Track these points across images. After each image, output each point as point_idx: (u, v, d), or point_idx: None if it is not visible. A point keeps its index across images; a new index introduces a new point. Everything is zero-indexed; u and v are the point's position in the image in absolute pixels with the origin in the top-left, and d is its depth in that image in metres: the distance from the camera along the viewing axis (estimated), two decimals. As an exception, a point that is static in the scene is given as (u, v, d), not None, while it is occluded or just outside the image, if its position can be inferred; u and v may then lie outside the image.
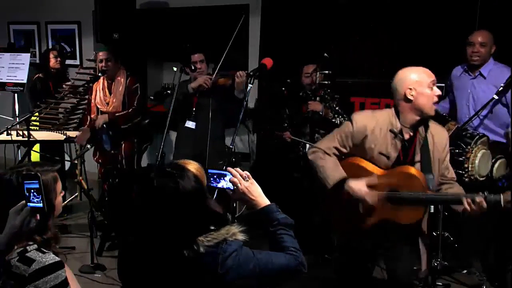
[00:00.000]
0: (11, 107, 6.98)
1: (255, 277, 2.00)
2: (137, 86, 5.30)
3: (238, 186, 2.21)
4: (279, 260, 2.06)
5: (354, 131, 3.15)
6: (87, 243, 4.93)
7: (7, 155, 6.02)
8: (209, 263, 1.92)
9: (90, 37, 7.49)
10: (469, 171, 4.09)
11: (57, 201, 2.30)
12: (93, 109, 5.38)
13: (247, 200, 2.22)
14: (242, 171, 2.26)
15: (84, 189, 4.90)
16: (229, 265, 1.94)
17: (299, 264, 2.08)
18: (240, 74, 4.59)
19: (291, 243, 2.13)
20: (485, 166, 4.12)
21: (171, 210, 1.96)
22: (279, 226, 2.15)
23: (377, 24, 5.60)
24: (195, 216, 1.98)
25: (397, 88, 3.08)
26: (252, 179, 2.24)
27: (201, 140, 4.73)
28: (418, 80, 3.03)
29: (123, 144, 5.31)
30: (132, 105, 5.24)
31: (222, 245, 1.95)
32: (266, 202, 2.22)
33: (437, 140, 3.15)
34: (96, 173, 5.69)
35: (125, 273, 2.15)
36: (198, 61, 4.86)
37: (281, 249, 2.10)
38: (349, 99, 5.65)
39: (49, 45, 8.21)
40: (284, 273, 2.07)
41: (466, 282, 4.62)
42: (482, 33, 4.50)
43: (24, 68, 6.62)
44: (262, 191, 2.25)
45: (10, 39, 8.48)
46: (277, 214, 2.19)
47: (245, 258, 1.98)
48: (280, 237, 2.13)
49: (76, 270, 4.59)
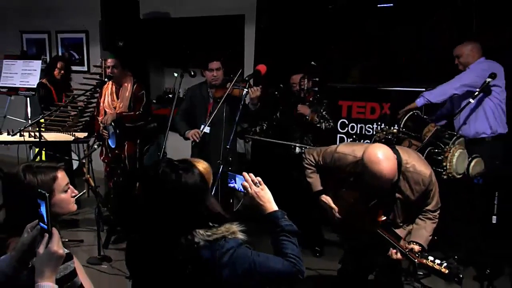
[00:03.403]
0: (23, 110, 6.96)
1: (250, 277, 1.96)
2: (143, 93, 5.28)
3: (249, 190, 2.21)
4: (275, 265, 2.01)
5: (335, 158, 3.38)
6: (94, 236, 4.93)
7: (20, 154, 5.99)
8: (207, 257, 1.91)
9: (97, 45, 7.49)
10: (447, 169, 4.09)
11: (59, 199, 2.25)
12: (102, 112, 5.36)
13: (256, 204, 2.21)
14: (255, 176, 2.25)
15: (91, 186, 4.88)
16: (225, 261, 1.91)
17: (296, 271, 2.03)
18: (254, 89, 4.49)
19: (292, 250, 2.08)
20: (462, 164, 4.13)
21: (169, 200, 1.95)
22: (282, 233, 2.12)
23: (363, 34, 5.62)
24: (191, 209, 1.96)
25: None
26: (264, 185, 2.23)
27: (215, 143, 4.68)
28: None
29: (126, 144, 5.29)
30: (138, 111, 5.23)
31: (220, 241, 1.93)
32: (274, 208, 2.20)
33: (413, 184, 3.12)
34: (102, 171, 5.67)
35: (131, 263, 2.15)
36: (215, 69, 4.73)
37: (282, 255, 2.06)
38: (337, 102, 5.66)
39: (59, 52, 8.21)
40: (279, 277, 2.03)
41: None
42: (456, 48, 4.58)
43: (35, 74, 6.62)
44: (272, 197, 2.23)
45: (23, 47, 8.49)
46: (282, 220, 2.16)
47: (242, 257, 1.95)
48: (282, 243, 2.10)
49: (84, 261, 4.61)
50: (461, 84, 4.38)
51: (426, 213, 3.22)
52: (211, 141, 4.76)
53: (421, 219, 3.23)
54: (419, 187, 3.11)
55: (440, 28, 5.15)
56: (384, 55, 5.55)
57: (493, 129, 4.51)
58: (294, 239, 2.13)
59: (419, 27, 5.32)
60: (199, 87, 4.94)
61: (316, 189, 3.54)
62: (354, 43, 5.71)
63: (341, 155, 3.32)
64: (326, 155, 3.43)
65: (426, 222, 3.22)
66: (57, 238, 1.71)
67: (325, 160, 3.44)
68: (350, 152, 3.28)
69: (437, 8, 5.16)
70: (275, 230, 2.14)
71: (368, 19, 5.54)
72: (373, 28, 5.54)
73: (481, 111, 4.47)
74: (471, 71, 4.42)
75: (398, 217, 3.25)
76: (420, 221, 3.23)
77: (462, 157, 4.14)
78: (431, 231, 3.21)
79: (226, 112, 4.66)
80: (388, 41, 5.51)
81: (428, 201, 3.20)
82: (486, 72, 4.30)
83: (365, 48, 5.66)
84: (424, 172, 3.11)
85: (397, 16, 5.40)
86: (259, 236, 2.19)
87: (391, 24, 5.40)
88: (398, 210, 3.22)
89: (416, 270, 4.52)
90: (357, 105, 5.53)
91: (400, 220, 3.26)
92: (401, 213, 3.24)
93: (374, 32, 5.55)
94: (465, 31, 4.95)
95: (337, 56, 5.82)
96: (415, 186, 3.11)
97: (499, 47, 4.72)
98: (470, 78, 4.39)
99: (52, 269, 1.70)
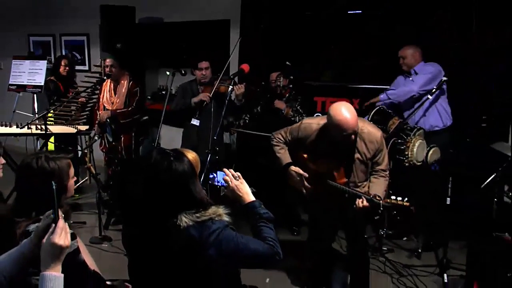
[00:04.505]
0: (31, 105, 6.91)
1: (234, 256, 1.97)
2: (137, 89, 5.28)
3: (229, 183, 2.24)
4: (257, 247, 2.02)
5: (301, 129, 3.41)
6: (95, 218, 4.94)
7: (28, 145, 5.99)
8: (194, 236, 1.92)
9: (97, 47, 7.39)
10: (408, 158, 4.17)
11: (69, 184, 2.30)
12: (101, 106, 5.36)
13: (236, 196, 2.23)
14: (235, 171, 2.28)
15: (92, 174, 4.89)
16: (211, 241, 1.92)
17: (274, 253, 2.05)
18: (239, 86, 4.54)
19: (270, 234, 2.11)
20: (421, 153, 4.20)
21: (161, 184, 1.97)
22: (261, 220, 2.15)
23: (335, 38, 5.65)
24: (181, 193, 1.98)
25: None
26: (242, 179, 2.26)
27: (204, 134, 4.69)
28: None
29: (123, 137, 5.30)
30: (132, 105, 5.22)
31: (207, 223, 1.94)
32: (251, 199, 2.23)
33: (368, 143, 3.23)
34: (102, 160, 5.68)
35: (127, 243, 2.16)
36: (204, 68, 4.77)
37: (262, 239, 2.08)
38: (313, 98, 5.70)
39: (62, 53, 8.17)
40: (260, 258, 2.04)
41: (405, 247, 4.71)
42: (402, 50, 4.66)
43: (41, 73, 6.55)
44: (249, 189, 2.26)
45: (30, 49, 8.42)
46: (260, 209, 2.19)
47: (227, 237, 1.96)
48: (260, 229, 2.12)
49: (86, 241, 4.62)
50: (419, 87, 4.46)
51: (378, 172, 3.32)
52: (200, 132, 4.79)
53: (376, 177, 3.33)
54: (373, 145, 3.23)
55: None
56: (355, 57, 5.58)
57: (444, 122, 4.60)
58: (271, 225, 2.16)
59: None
60: (189, 84, 4.95)
61: (286, 161, 3.52)
62: (328, 46, 5.74)
63: (306, 124, 3.40)
64: (293, 130, 3.48)
65: (380, 179, 3.31)
66: (60, 229, 1.63)
67: (292, 134, 3.47)
68: (314, 121, 3.38)
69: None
70: (254, 218, 2.17)
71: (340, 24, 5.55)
72: (343, 33, 5.57)
73: (433, 108, 4.54)
74: (424, 75, 4.49)
75: (356, 177, 3.31)
76: (375, 179, 3.33)
77: (422, 147, 4.21)
78: (385, 187, 3.31)
79: (214, 107, 4.67)
80: (360, 43, 5.53)
81: (379, 161, 3.30)
82: (434, 73, 4.45)
83: (339, 50, 5.68)
84: (376, 133, 3.26)
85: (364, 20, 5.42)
86: (243, 219, 2.22)
87: (359, 28, 5.42)
88: (357, 170, 3.30)
89: (381, 246, 4.61)
90: (330, 101, 5.56)
91: (358, 180, 3.32)
92: (359, 173, 3.31)
93: (345, 36, 5.58)
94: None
95: (313, 57, 5.84)
96: (370, 145, 3.22)
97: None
98: (425, 80, 4.47)
99: (55, 259, 1.62)
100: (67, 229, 1.67)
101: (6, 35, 8.60)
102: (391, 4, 5.08)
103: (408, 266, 4.27)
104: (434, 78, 4.43)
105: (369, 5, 5.29)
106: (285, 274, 4.13)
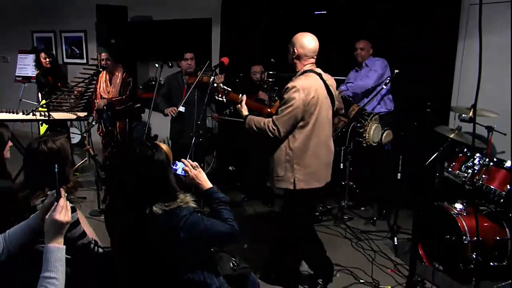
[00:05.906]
0: (35, 94, 6.80)
1: (202, 238, 1.94)
2: (130, 80, 5.24)
3: (189, 173, 2.23)
4: (220, 228, 2.01)
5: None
6: (94, 194, 4.91)
7: (33, 129, 6.01)
8: (165, 223, 1.89)
9: (93, 42, 7.35)
10: (366, 139, 4.23)
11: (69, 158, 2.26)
12: (98, 96, 5.31)
13: (196, 183, 2.23)
14: (193, 161, 2.27)
15: (91, 155, 4.84)
16: (181, 225, 1.89)
17: (235, 231, 2.04)
18: (219, 76, 4.51)
19: (229, 215, 2.09)
20: (377, 135, 4.26)
21: (144, 171, 1.91)
22: (219, 203, 2.15)
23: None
24: (159, 181, 1.93)
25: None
26: (200, 168, 2.26)
27: (189, 120, 4.67)
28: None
29: (118, 123, 5.28)
30: (126, 94, 5.20)
31: (177, 210, 1.91)
32: (209, 185, 2.23)
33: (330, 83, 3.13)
34: (100, 143, 5.64)
35: (108, 223, 2.09)
36: (189, 59, 4.77)
37: (223, 220, 2.06)
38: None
39: (63, 48, 8.06)
40: (224, 237, 2.03)
41: (363, 216, 4.79)
42: (360, 42, 4.70)
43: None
44: (206, 177, 2.25)
45: (34, 44, 8.27)
46: (218, 194, 2.19)
47: (195, 221, 1.93)
48: (220, 211, 2.11)
49: (86, 214, 4.62)
50: (374, 82, 4.53)
51: None
52: (185, 118, 4.79)
53: None
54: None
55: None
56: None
57: (388, 106, 4.69)
58: (228, 206, 2.16)
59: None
60: (175, 75, 4.93)
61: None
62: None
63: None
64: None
65: None
66: (61, 207, 1.64)
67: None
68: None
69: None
70: (213, 202, 2.16)
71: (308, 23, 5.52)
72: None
73: (379, 96, 4.59)
74: (377, 70, 4.56)
75: None
76: None
77: (377, 130, 4.27)
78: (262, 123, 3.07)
79: (197, 95, 4.67)
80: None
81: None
82: (384, 69, 4.56)
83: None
84: (292, 84, 3.02)
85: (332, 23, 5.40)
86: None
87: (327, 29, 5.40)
88: None
89: (343, 215, 4.69)
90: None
91: None
92: None
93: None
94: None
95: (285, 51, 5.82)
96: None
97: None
98: (378, 76, 4.54)
99: (56, 233, 1.62)
100: (68, 206, 1.68)
101: (12, 32, 8.47)
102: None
103: (365, 232, 4.36)
104: (384, 73, 4.56)
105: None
106: (264, 243, 3.94)
